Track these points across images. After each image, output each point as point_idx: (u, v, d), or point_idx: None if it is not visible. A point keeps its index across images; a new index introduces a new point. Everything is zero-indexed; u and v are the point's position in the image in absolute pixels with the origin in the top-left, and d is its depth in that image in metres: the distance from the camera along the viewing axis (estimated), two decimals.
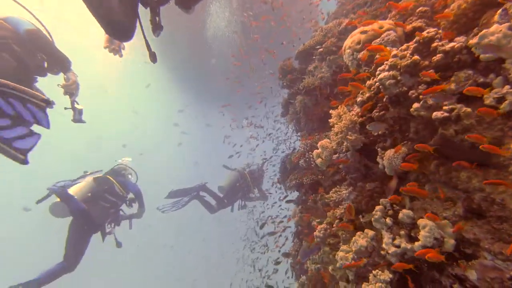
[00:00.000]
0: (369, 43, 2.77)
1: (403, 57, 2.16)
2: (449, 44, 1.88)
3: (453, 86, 1.83)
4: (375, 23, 2.84)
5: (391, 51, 2.45)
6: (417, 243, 1.83)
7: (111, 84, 19.35)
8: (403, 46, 2.23)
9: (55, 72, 2.80)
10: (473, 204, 1.74)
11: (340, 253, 2.29)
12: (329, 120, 2.79)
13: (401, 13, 2.97)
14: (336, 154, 2.74)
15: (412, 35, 2.68)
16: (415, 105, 1.94)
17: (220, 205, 6.19)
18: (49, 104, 2.07)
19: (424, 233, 1.78)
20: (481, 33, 1.71)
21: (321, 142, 2.92)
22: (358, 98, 2.63)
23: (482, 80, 1.76)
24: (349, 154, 2.57)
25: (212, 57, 12.24)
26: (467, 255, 1.69)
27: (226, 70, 12.61)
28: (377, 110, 2.42)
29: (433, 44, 1.98)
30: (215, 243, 22.42)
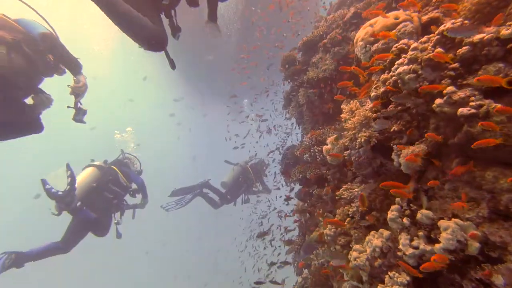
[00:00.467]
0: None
1: (423, 49, 2.03)
2: (477, 35, 1.75)
3: None
4: (390, 13, 2.69)
5: (409, 43, 2.32)
6: (437, 245, 1.74)
7: (105, 73, 18.82)
8: (424, 38, 2.10)
9: (60, 73, 2.92)
10: (499, 206, 1.64)
11: (354, 253, 2.21)
12: (341, 115, 2.67)
13: (416, 3, 2.82)
14: (347, 150, 2.64)
15: (429, 26, 2.55)
16: (438, 100, 1.82)
17: (223, 201, 6.11)
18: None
19: (446, 235, 1.69)
20: None
21: (331, 138, 2.81)
22: (372, 93, 2.51)
23: None
24: (361, 151, 2.46)
25: (209, 53, 12.01)
26: (492, 259, 1.61)
27: (227, 61, 12.38)
28: (393, 106, 2.30)
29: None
30: (215, 239, 22.26)
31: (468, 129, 1.69)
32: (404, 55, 2.20)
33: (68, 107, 2.95)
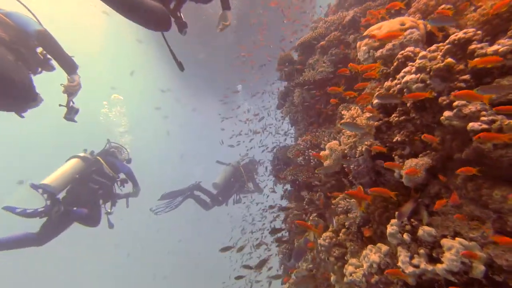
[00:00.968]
0: (388, 41, 2.52)
1: (432, 58, 1.93)
2: (491, 47, 1.65)
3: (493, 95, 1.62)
4: (396, 19, 2.58)
5: (416, 51, 2.21)
6: (440, 265, 1.65)
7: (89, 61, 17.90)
8: (432, 47, 1.99)
9: (50, 70, 2.86)
10: (506, 227, 1.56)
11: (349, 267, 2.11)
12: (341, 122, 2.56)
13: (421, 10, 2.73)
14: (346, 157, 2.52)
15: (434, 35, 2.46)
16: (447, 113, 1.72)
17: (215, 203, 5.95)
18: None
19: (450, 255, 1.60)
20: None
21: (329, 144, 2.69)
22: (375, 100, 2.40)
23: None
24: (361, 160, 2.36)
25: (201, 51, 11.69)
26: (497, 283, 1.53)
27: (221, 58, 12.09)
28: (396, 115, 2.20)
29: (470, 46, 1.75)
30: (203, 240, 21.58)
31: (478, 145, 1.60)
32: (411, 63, 2.10)
33: (60, 105, 2.88)
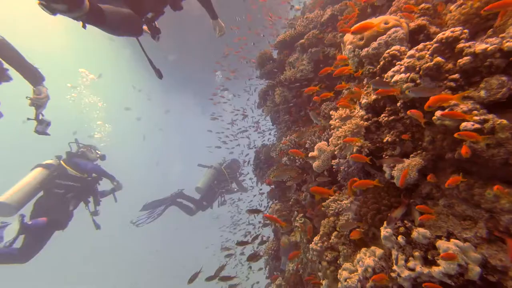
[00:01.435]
0: (373, 39, 2.47)
1: (421, 57, 1.89)
2: (480, 45, 1.63)
3: (482, 93, 1.60)
4: (379, 18, 2.54)
5: (402, 49, 2.17)
6: (436, 268, 1.61)
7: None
8: (420, 46, 1.95)
9: (7, 80, 2.61)
10: (499, 226, 1.56)
11: (344, 272, 2.04)
12: (330, 122, 2.48)
13: (403, 9, 2.71)
14: (336, 159, 2.45)
15: (416, 33, 2.44)
16: (439, 112, 1.68)
17: (199, 208, 5.73)
18: None
19: None
20: None
21: (318, 144, 2.61)
22: (362, 100, 2.34)
23: None
24: (351, 161, 2.29)
25: (172, 53, 11.22)
26: (491, 283, 1.52)
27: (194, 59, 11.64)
28: (386, 115, 2.15)
29: (458, 44, 1.72)
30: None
31: (471, 145, 1.57)
32: (399, 62, 2.05)
33: (28, 119, 2.75)
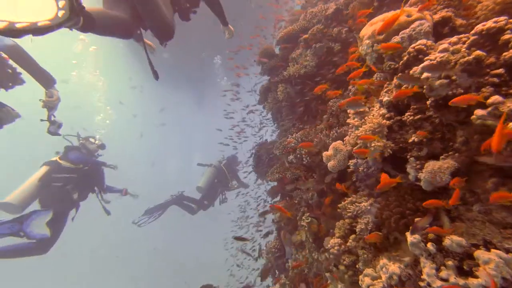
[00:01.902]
0: (394, 33, 2.29)
1: (456, 51, 1.72)
2: None
3: None
4: (401, 10, 2.35)
5: (428, 43, 2.00)
6: (475, 280, 1.47)
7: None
8: (453, 39, 1.79)
9: (20, 83, 2.80)
10: None
11: (366, 279, 1.89)
12: (347, 120, 2.31)
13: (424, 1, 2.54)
14: (354, 159, 2.29)
15: (440, 26, 2.28)
16: (479, 111, 1.52)
17: (201, 207, 5.55)
18: None
19: (489, 270, 1.43)
20: None
21: (334, 143, 2.44)
22: (384, 98, 2.17)
23: None
24: (371, 161, 2.13)
25: (165, 51, 10.63)
26: None
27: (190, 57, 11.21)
28: (411, 113, 1.99)
29: (503, 36, 1.55)
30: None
31: None
32: (428, 57, 1.88)
33: (42, 120, 2.95)
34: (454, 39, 1.77)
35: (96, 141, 4.71)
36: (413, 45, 2.07)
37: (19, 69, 2.68)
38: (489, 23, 1.60)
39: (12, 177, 4.07)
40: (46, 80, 2.74)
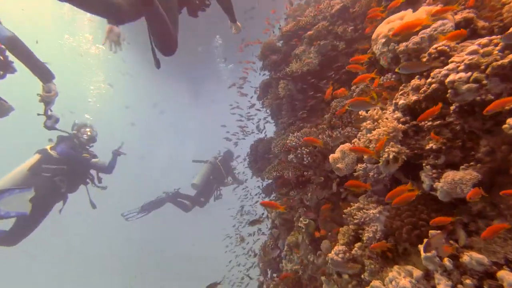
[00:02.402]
0: (412, 33, 2.13)
1: (487, 54, 1.57)
2: None
3: None
4: (421, 9, 2.19)
5: (452, 45, 1.85)
6: None
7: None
8: (484, 40, 1.64)
9: (12, 72, 2.66)
10: None
11: None
12: (361, 124, 2.15)
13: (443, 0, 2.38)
14: (363, 164, 2.14)
15: (463, 27, 2.12)
16: None
17: (196, 204, 5.36)
18: None
19: None
20: None
21: (342, 146, 2.28)
22: (399, 101, 2.01)
23: None
24: (382, 167, 1.98)
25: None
26: None
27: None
28: (429, 119, 1.84)
29: None
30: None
31: None
32: (453, 59, 1.73)
33: (38, 114, 2.90)
34: (484, 40, 1.62)
35: (88, 131, 4.42)
36: (434, 45, 1.91)
37: (11, 57, 2.51)
38: None
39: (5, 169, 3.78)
40: (44, 74, 2.61)
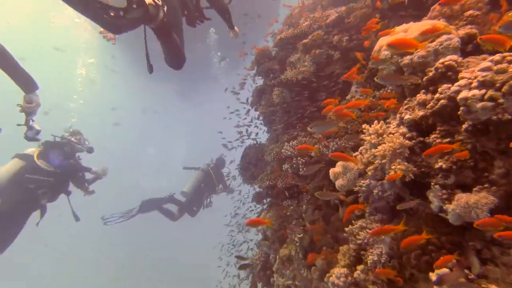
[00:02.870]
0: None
1: (501, 71, 1.47)
2: None
3: None
4: (426, 22, 2.10)
5: (459, 60, 1.76)
6: None
7: None
8: (496, 57, 1.54)
9: None
10: None
11: None
12: (362, 137, 2.02)
13: (445, 15, 2.31)
14: (366, 180, 2.00)
15: (466, 43, 2.05)
16: None
17: (187, 212, 5.11)
18: None
19: None
20: None
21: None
22: (405, 115, 1.90)
23: None
24: (387, 185, 1.86)
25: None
26: None
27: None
28: (438, 136, 1.73)
29: None
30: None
31: None
32: (462, 75, 1.63)
33: (19, 124, 2.76)
34: (497, 57, 1.52)
35: (86, 141, 4.05)
36: (441, 60, 1.82)
37: None
38: None
39: None
40: (27, 83, 2.46)
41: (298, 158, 3.36)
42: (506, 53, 1.52)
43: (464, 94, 1.52)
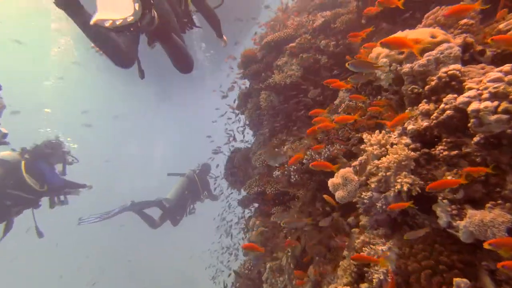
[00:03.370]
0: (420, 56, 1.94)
1: None
2: None
3: None
4: (425, 29, 2.02)
5: (462, 69, 1.67)
6: None
7: None
8: (506, 67, 1.46)
9: None
10: None
11: None
12: (362, 147, 1.88)
13: (440, 23, 2.25)
14: (369, 192, 1.87)
15: (462, 51, 1.98)
16: None
17: (168, 220, 4.80)
18: None
19: None
20: None
21: (342, 171, 2.00)
22: (409, 126, 1.79)
23: None
24: (391, 197, 1.73)
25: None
26: None
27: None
28: (444, 147, 1.63)
29: None
30: None
31: None
32: (471, 85, 1.54)
33: None
34: (507, 67, 1.44)
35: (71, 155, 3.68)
36: (445, 69, 1.73)
37: None
38: None
39: None
40: None
41: (291, 166, 3.20)
42: None
43: (475, 105, 1.42)
